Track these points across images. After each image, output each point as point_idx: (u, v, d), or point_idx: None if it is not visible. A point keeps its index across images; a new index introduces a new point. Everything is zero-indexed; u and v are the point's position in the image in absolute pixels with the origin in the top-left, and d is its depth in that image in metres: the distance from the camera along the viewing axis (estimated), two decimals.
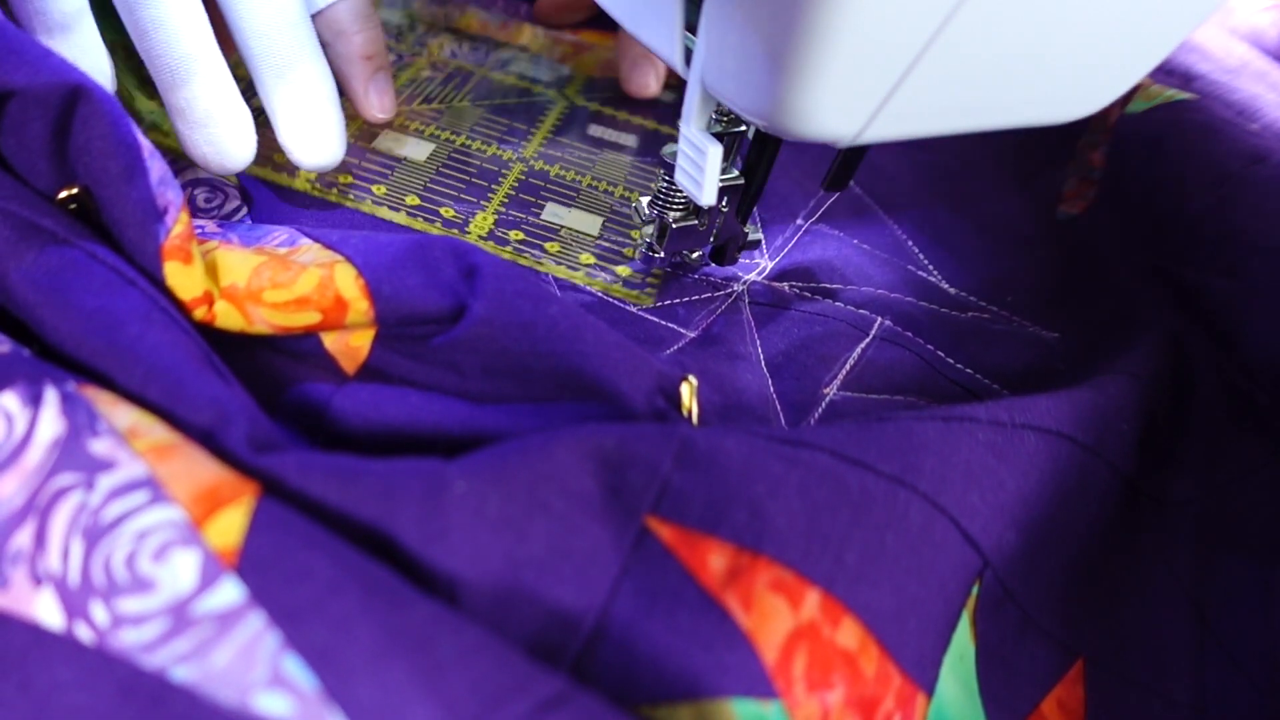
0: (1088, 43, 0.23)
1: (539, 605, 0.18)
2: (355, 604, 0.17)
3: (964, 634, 0.23)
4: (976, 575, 0.23)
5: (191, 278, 0.22)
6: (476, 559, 0.18)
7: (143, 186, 0.22)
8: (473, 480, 0.18)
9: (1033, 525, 0.24)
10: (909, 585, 0.21)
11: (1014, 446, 0.23)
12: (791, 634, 0.19)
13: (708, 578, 0.19)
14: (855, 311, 0.34)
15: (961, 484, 0.22)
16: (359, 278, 0.23)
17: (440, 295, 0.23)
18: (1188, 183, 0.34)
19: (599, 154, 0.40)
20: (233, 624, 0.17)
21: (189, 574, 0.18)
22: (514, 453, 0.19)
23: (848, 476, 0.21)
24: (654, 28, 0.25)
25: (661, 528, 0.19)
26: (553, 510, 0.18)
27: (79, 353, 0.20)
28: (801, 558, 0.20)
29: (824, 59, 0.19)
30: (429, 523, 0.18)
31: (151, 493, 0.18)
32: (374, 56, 0.35)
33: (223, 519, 0.18)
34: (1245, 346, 0.31)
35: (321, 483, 0.18)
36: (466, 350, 0.22)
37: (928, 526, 0.22)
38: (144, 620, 0.18)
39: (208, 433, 0.19)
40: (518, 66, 0.45)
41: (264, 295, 0.23)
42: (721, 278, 0.36)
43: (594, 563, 0.18)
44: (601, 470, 0.19)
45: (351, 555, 0.18)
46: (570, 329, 0.22)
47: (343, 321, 0.23)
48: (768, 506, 0.20)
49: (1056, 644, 0.25)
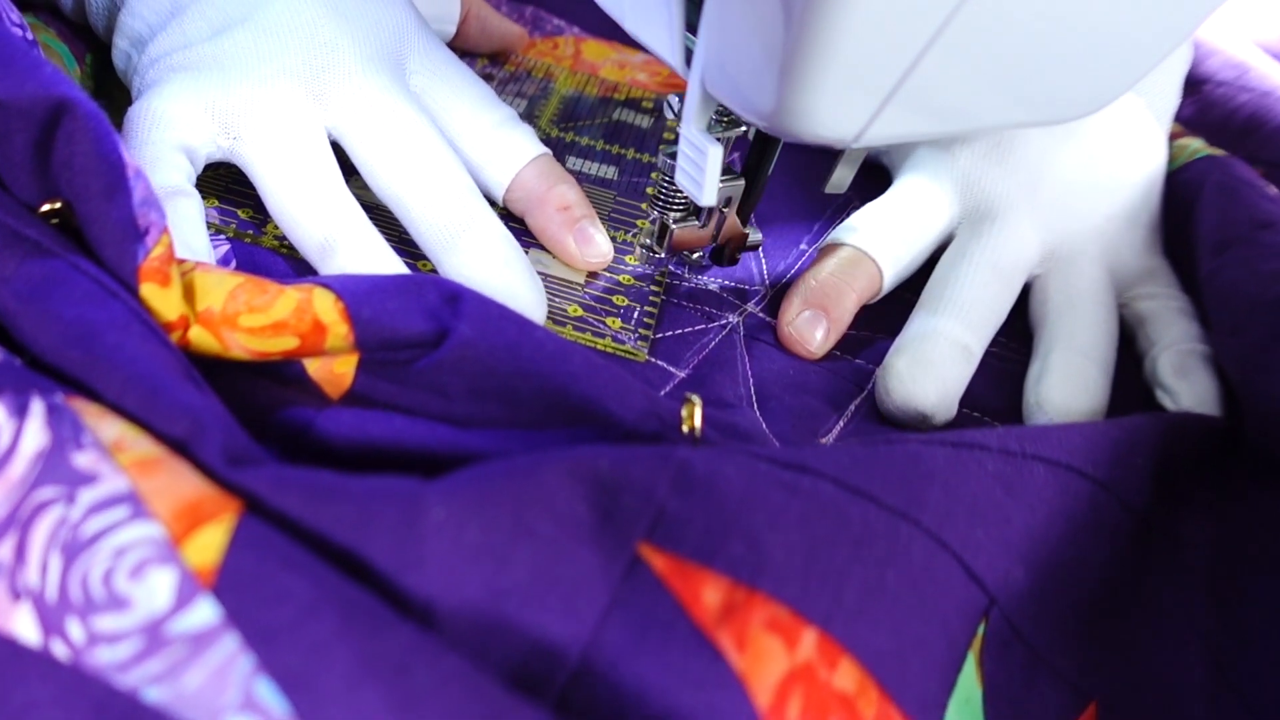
0: (1088, 43, 0.23)
1: (522, 635, 0.17)
2: (332, 628, 0.17)
3: (970, 675, 0.22)
4: (982, 614, 0.22)
5: (168, 301, 0.22)
6: (453, 588, 0.17)
7: (124, 206, 0.21)
8: (451, 505, 0.17)
9: (1041, 562, 0.23)
10: (910, 624, 0.20)
11: (1023, 479, 0.23)
12: (786, 676, 0.18)
13: (701, 613, 0.18)
14: (853, 363, 0.34)
15: (966, 519, 0.22)
16: (338, 301, 0.22)
17: (422, 319, 0.22)
18: (1200, 245, 0.36)
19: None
20: (206, 645, 0.17)
21: (164, 593, 0.17)
22: (499, 475, 0.18)
23: (850, 508, 0.20)
24: (654, 28, 0.25)
25: (655, 556, 0.19)
26: (538, 536, 0.18)
27: (60, 363, 0.19)
28: (799, 595, 0.19)
29: (824, 60, 0.19)
30: (404, 550, 0.17)
31: (132, 508, 0.18)
32: (570, 207, 0.34)
33: (203, 536, 0.18)
34: (1255, 402, 0.31)
35: (296, 500, 0.18)
36: (451, 372, 0.22)
37: (930, 563, 0.21)
38: (119, 639, 0.17)
39: (182, 444, 0.19)
40: None
41: (240, 320, 0.22)
42: (717, 307, 0.35)
43: (582, 592, 0.18)
44: (593, 493, 0.19)
45: (332, 577, 0.17)
46: (558, 350, 0.21)
47: (322, 347, 0.22)
48: (766, 538, 0.19)
49: (1068, 686, 0.24)
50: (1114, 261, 0.37)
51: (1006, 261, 0.34)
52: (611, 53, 0.47)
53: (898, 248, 0.35)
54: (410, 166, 0.31)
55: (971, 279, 0.34)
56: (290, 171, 0.30)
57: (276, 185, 0.30)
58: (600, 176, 0.39)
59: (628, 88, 0.45)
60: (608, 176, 0.40)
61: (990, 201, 0.36)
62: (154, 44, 0.32)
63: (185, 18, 0.32)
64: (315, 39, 0.32)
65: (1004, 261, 0.34)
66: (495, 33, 0.44)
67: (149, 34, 0.32)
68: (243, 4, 0.32)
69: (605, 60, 0.47)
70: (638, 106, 0.44)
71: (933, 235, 0.36)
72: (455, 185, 0.31)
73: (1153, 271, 0.38)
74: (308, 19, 0.32)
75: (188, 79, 0.30)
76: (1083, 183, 0.37)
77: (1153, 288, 0.37)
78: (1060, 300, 0.35)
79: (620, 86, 0.45)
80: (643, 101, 0.44)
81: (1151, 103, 0.39)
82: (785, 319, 0.33)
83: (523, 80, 0.44)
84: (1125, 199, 0.37)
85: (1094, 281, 0.36)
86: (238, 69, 0.31)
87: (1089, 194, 0.37)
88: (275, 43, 0.31)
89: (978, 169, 0.37)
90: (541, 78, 0.44)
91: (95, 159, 0.21)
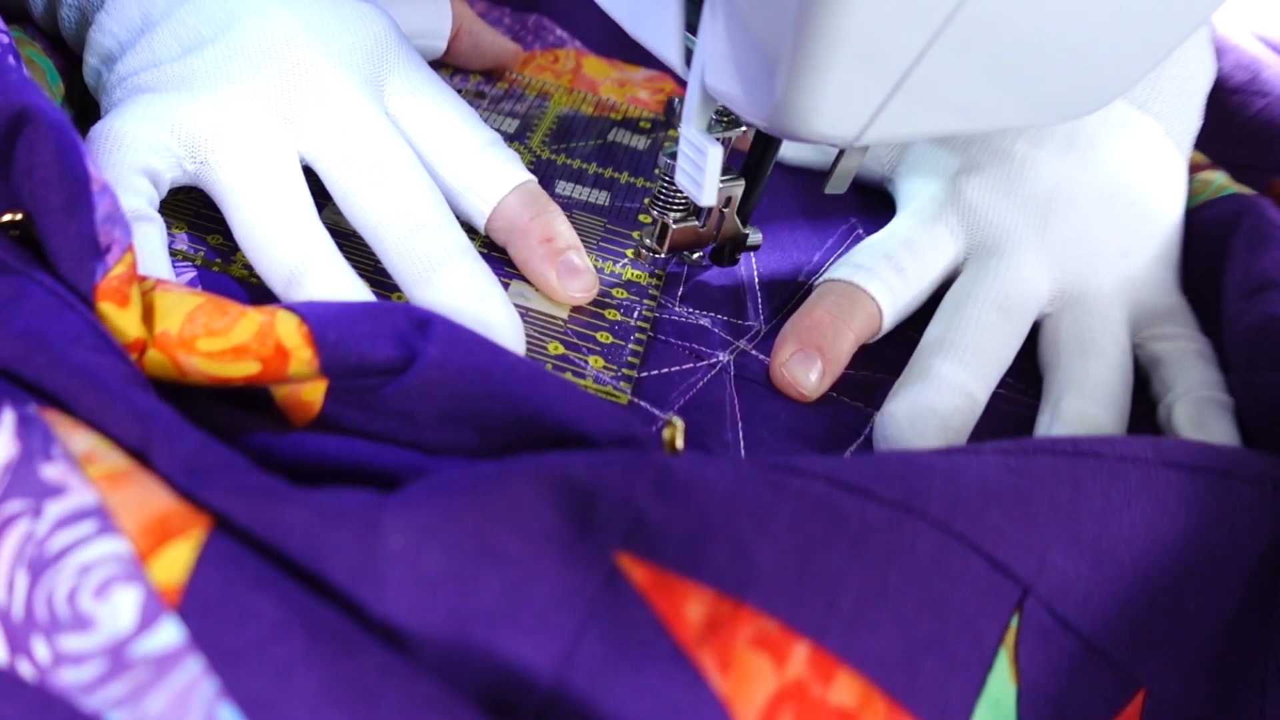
0: (1088, 43, 0.22)
1: (492, 660, 0.16)
2: (299, 651, 0.16)
3: (1002, 674, 0.21)
4: (1015, 605, 0.21)
5: (126, 322, 0.21)
6: (416, 614, 0.16)
7: (85, 221, 0.20)
8: (410, 531, 0.16)
9: (1084, 544, 0.21)
10: (920, 625, 0.19)
11: (1030, 463, 0.21)
12: (774, 696, 0.17)
13: (682, 629, 0.17)
14: (850, 405, 0.32)
15: (979, 505, 0.20)
16: (302, 325, 0.21)
17: (390, 345, 0.21)
18: (1228, 289, 0.34)
19: (568, 216, 0.36)
20: (169, 668, 0.16)
21: (128, 613, 0.17)
22: (462, 490, 0.17)
23: (845, 505, 0.19)
24: (654, 28, 0.25)
25: (634, 568, 0.18)
26: (506, 556, 0.17)
27: (22, 372, 0.19)
28: (789, 606, 0.18)
29: (825, 59, 0.19)
30: (362, 579, 0.16)
31: (99, 523, 0.17)
32: (553, 239, 0.32)
33: (170, 553, 0.17)
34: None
35: (248, 513, 0.17)
36: (420, 397, 0.21)
37: (941, 557, 0.19)
38: (83, 660, 0.17)
39: (141, 452, 0.18)
40: None
41: (197, 343, 0.21)
42: (706, 345, 0.33)
43: (554, 610, 0.17)
44: (566, 502, 0.17)
45: (301, 597, 0.17)
46: (530, 373, 0.20)
47: (285, 373, 0.21)
48: (753, 544, 0.18)
49: (1119, 673, 0.22)
50: (1131, 299, 0.35)
51: (1014, 301, 0.32)
52: (612, 70, 0.46)
53: (898, 285, 0.33)
54: (384, 195, 0.30)
55: (976, 321, 0.32)
56: (257, 198, 0.29)
57: (243, 212, 0.29)
58: (590, 202, 0.37)
59: (625, 107, 0.43)
60: (598, 202, 0.38)
61: (998, 235, 0.34)
62: (122, 62, 0.31)
63: (155, 35, 0.30)
64: (288, 59, 0.30)
65: (1012, 301, 0.32)
66: (488, 49, 0.42)
67: (119, 51, 0.31)
68: (214, 22, 0.30)
69: (606, 78, 0.45)
70: (635, 126, 0.42)
71: (937, 271, 0.34)
72: (431, 216, 0.30)
73: (1171, 311, 0.35)
74: (281, 38, 0.30)
75: (154, 99, 0.29)
76: (1098, 215, 0.35)
77: (1171, 327, 0.35)
78: (1072, 343, 0.33)
79: (619, 106, 0.43)
80: (640, 121, 0.43)
81: (1171, 128, 0.37)
82: (778, 359, 0.31)
83: (517, 98, 0.42)
84: (1144, 233, 0.35)
85: (1108, 322, 0.33)
86: (206, 90, 0.29)
87: (1104, 228, 0.35)
88: (246, 63, 0.30)
89: (985, 201, 0.35)
90: (536, 96, 0.43)
91: (57, 170, 0.20)
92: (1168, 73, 0.37)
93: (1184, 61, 0.37)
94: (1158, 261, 0.35)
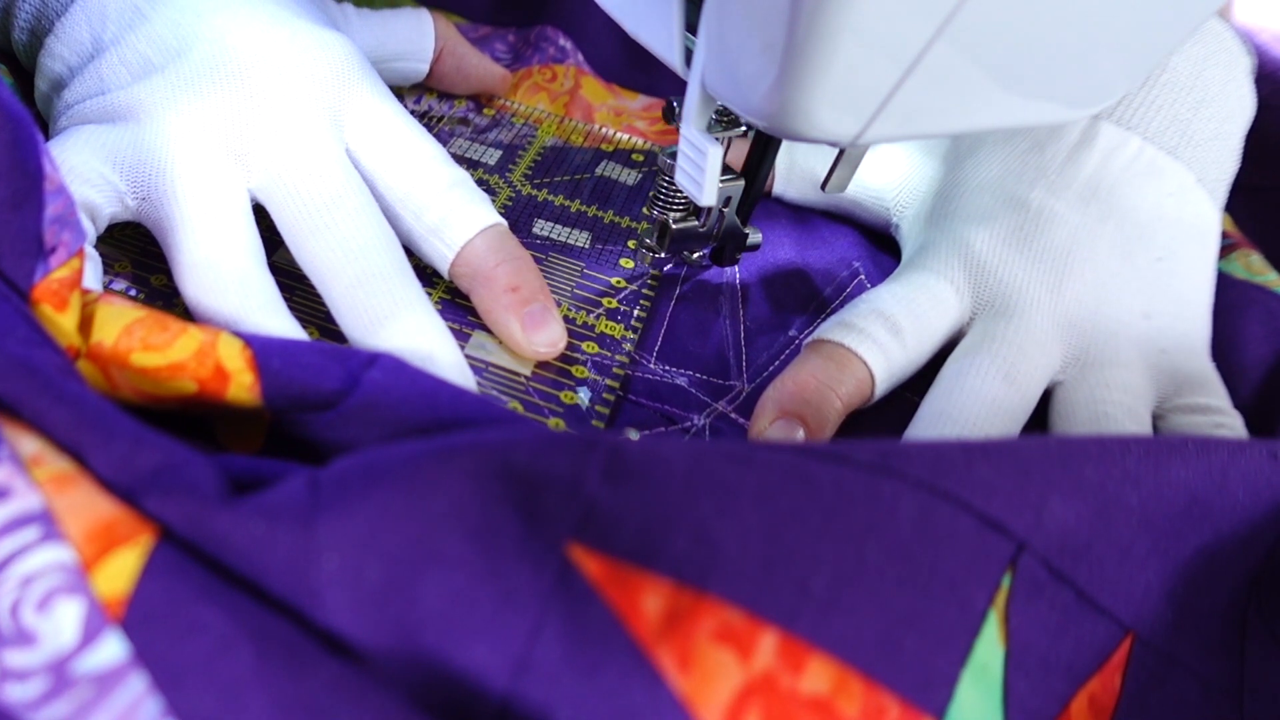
0: (1090, 42, 0.22)
1: (445, 668, 0.15)
2: (247, 667, 0.15)
3: (990, 639, 0.19)
4: (1008, 563, 0.19)
5: (60, 328, 0.20)
6: (361, 629, 0.15)
7: (31, 218, 0.19)
8: (345, 546, 0.15)
9: (1082, 487, 0.20)
10: (901, 599, 0.18)
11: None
12: (740, 693, 0.16)
13: (640, 624, 0.16)
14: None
15: (964, 460, 0.19)
16: (246, 348, 0.20)
17: (338, 379, 0.20)
18: (1245, 374, 0.33)
19: (544, 259, 0.34)
20: (112, 686, 0.15)
21: (71, 627, 0.16)
22: (397, 491, 0.16)
23: (817, 473, 0.17)
24: (654, 28, 0.25)
25: (588, 560, 0.16)
26: (449, 559, 0.15)
27: None
28: (755, 592, 0.17)
29: (824, 59, 0.19)
30: (302, 596, 0.15)
31: (43, 528, 0.17)
32: (520, 288, 0.30)
33: (115, 562, 0.16)
34: None
35: (186, 523, 0.16)
36: (362, 421, 0.19)
37: (925, 520, 0.18)
38: (27, 676, 0.16)
39: (73, 448, 0.17)
40: (455, 145, 0.38)
41: (131, 358, 0.20)
42: (681, 407, 0.30)
43: (505, 611, 0.16)
44: (510, 492, 0.16)
45: (250, 608, 0.16)
46: (476, 400, 0.19)
47: (223, 395, 0.20)
48: (715, 527, 0.17)
49: (1110, 620, 0.21)
50: (1154, 367, 0.31)
51: (1023, 372, 0.29)
52: (610, 97, 0.43)
53: (894, 349, 0.30)
54: (333, 241, 0.28)
55: (980, 392, 0.29)
56: (199, 239, 0.27)
57: (183, 253, 0.27)
58: (569, 244, 0.35)
59: (616, 140, 0.40)
60: (578, 244, 0.35)
61: (1008, 294, 0.31)
62: (69, 90, 0.29)
63: (104, 62, 0.29)
64: (240, 91, 0.28)
65: (1019, 372, 0.29)
66: (473, 72, 0.39)
67: (68, 77, 0.30)
68: (166, 50, 0.28)
69: (603, 105, 0.42)
70: (627, 160, 0.39)
71: (939, 334, 0.31)
72: (383, 266, 0.28)
73: (1201, 380, 0.31)
74: (233, 69, 0.28)
75: (97, 131, 0.28)
76: (1118, 272, 0.31)
77: (1200, 398, 0.30)
78: (1087, 418, 0.29)
79: (611, 137, 0.40)
80: (633, 154, 0.40)
81: (1204, 175, 0.33)
82: (756, 427, 0.28)
83: (503, 126, 0.40)
84: (1170, 293, 0.32)
85: (1127, 395, 0.30)
86: (152, 122, 0.28)
87: (1127, 284, 0.31)
88: (194, 94, 0.28)
89: (996, 255, 0.31)
90: (523, 124, 0.40)
91: (9, 163, 0.19)
92: (1203, 113, 0.33)
93: (1221, 99, 0.34)
94: (1185, 324, 0.32)
